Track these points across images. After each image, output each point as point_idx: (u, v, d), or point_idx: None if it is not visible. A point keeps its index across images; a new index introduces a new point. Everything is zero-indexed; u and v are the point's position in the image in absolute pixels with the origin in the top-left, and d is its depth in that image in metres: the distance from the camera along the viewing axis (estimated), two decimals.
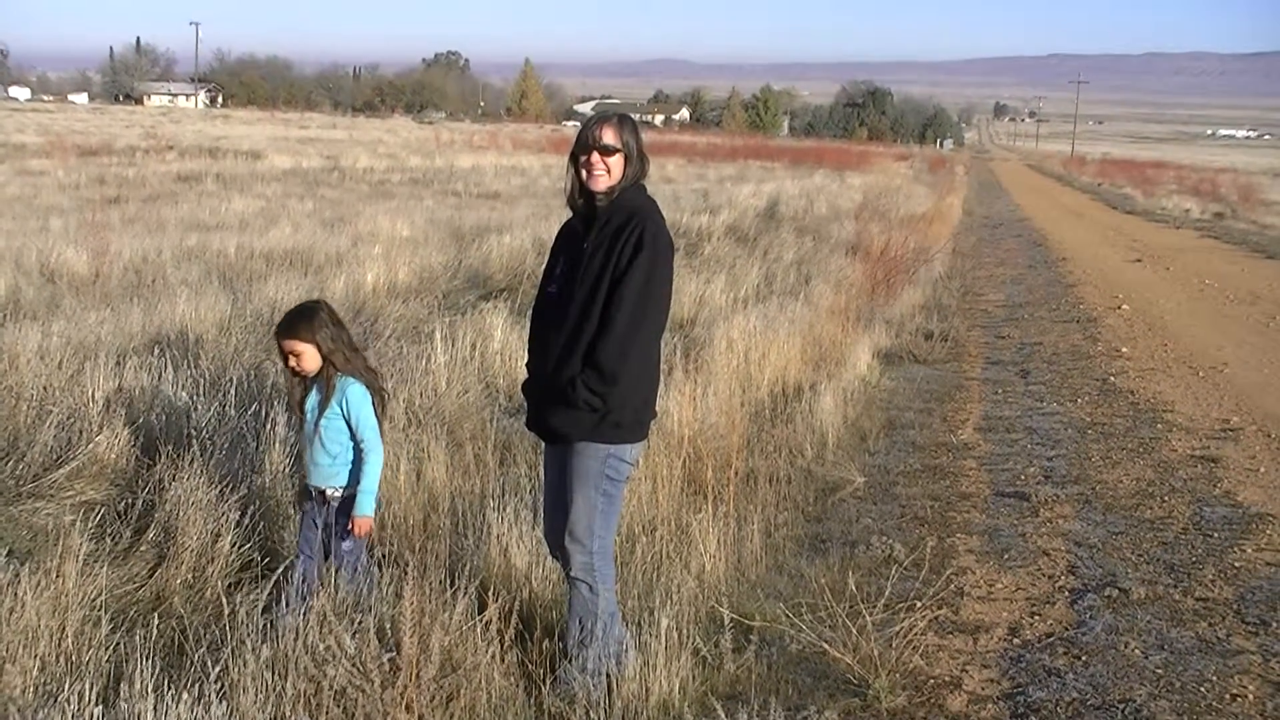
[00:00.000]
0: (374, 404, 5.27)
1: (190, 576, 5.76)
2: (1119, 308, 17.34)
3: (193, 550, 5.86)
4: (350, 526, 5.23)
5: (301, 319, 5.21)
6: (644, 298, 4.68)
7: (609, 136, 4.78)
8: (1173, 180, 65.29)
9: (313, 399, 5.23)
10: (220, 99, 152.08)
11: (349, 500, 5.26)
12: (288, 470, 6.66)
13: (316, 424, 5.21)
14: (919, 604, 5.74)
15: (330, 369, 5.16)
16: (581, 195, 4.85)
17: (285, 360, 5.27)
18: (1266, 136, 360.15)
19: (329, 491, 5.31)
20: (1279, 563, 6.92)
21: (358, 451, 5.25)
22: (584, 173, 4.79)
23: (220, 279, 14.08)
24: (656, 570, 5.97)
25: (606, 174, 4.76)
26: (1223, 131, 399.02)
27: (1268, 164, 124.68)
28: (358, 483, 5.25)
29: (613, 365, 4.66)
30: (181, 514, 6.02)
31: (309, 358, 5.14)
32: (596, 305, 4.70)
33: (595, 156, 4.76)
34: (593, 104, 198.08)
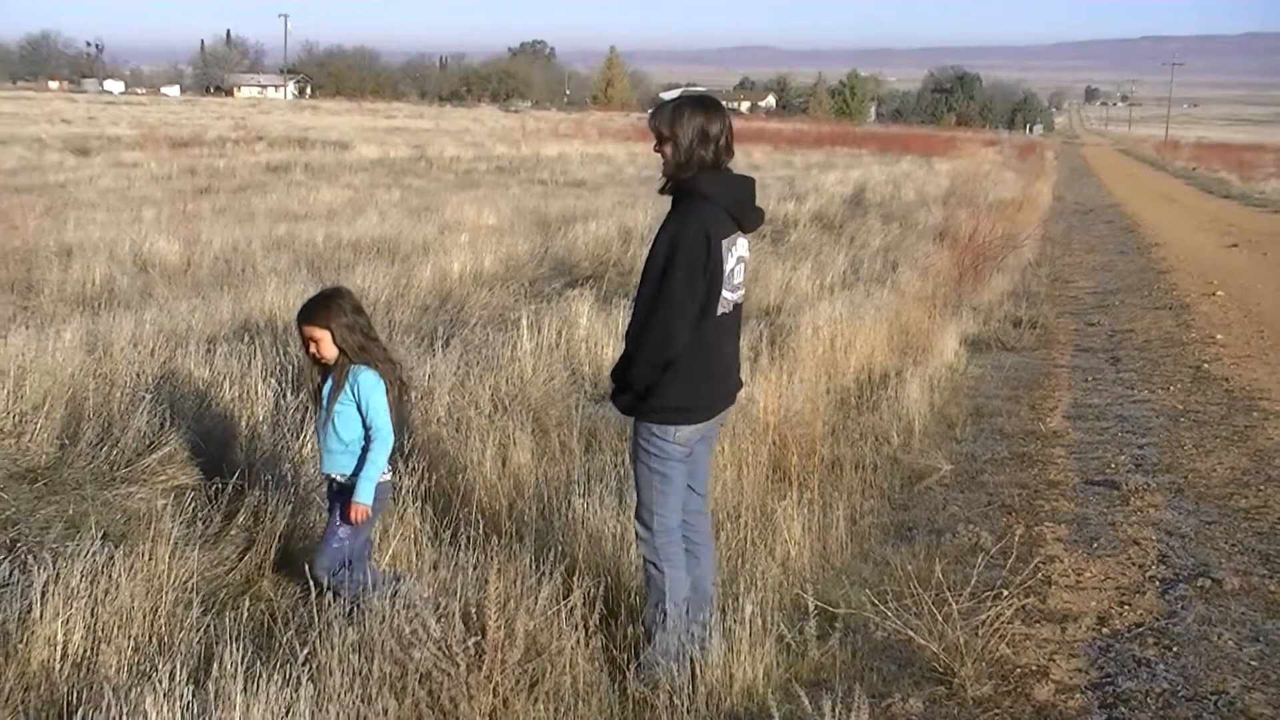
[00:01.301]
0: (390, 395, 5.24)
1: (278, 560, 5.85)
2: (1213, 294, 17.00)
3: (280, 534, 5.95)
4: (348, 512, 5.21)
5: (319, 306, 5.22)
6: (659, 277, 4.67)
7: (651, 122, 4.87)
8: (1271, 164, 63.70)
9: (328, 386, 5.24)
10: (308, 90, 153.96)
11: (352, 488, 5.25)
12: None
13: (329, 410, 5.21)
14: (1006, 592, 5.69)
15: (344, 357, 5.17)
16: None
17: (306, 346, 5.30)
18: None
19: (337, 478, 5.32)
20: None
21: (369, 440, 5.25)
22: None
23: (308, 268, 14.27)
24: (741, 557, 5.96)
25: (664, 160, 4.82)
26: None
27: None
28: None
29: (629, 345, 4.80)
30: (269, 499, 6.12)
31: (326, 344, 5.13)
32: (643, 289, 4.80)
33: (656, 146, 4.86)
34: (677, 91, 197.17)
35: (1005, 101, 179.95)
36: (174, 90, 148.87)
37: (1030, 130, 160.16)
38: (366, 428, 5.22)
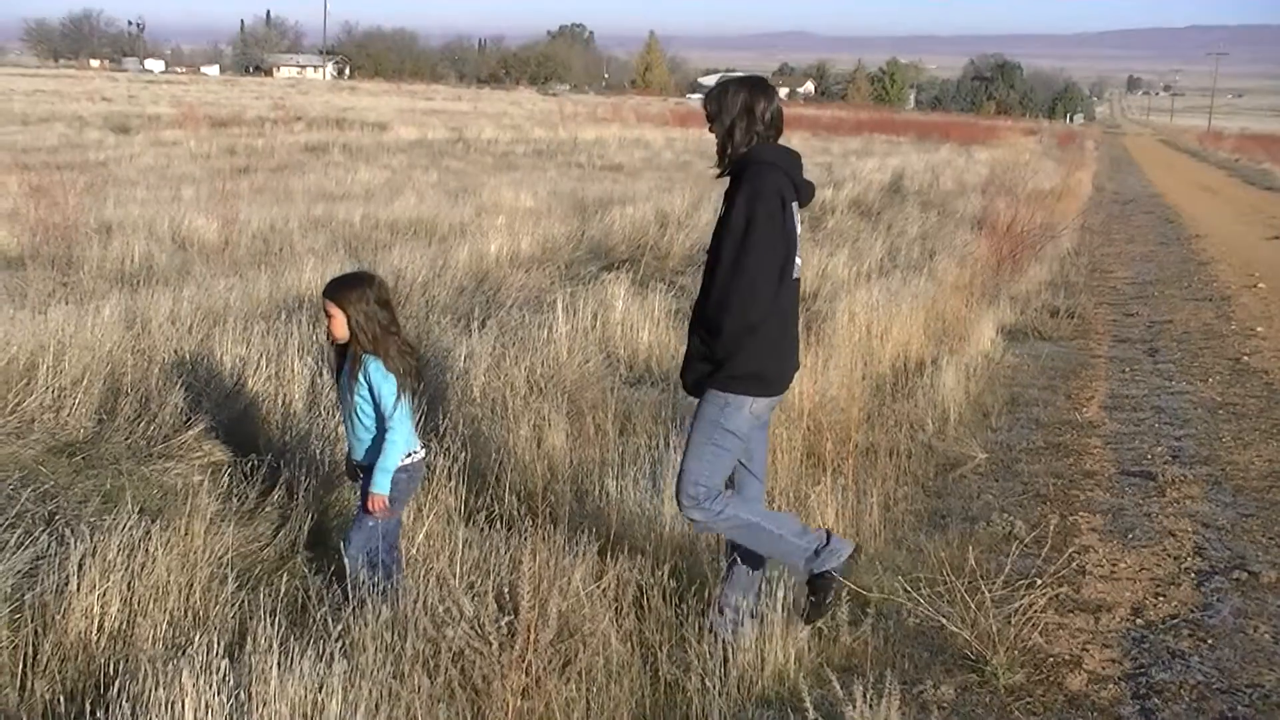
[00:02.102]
0: (403, 388, 5.11)
1: (312, 537, 5.88)
2: (1255, 286, 16.87)
3: (314, 512, 5.99)
4: (366, 502, 5.16)
5: (344, 285, 5.14)
6: (739, 244, 4.70)
7: (703, 102, 4.98)
8: None
9: (345, 370, 5.19)
10: (347, 71, 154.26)
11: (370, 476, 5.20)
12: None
13: (350, 398, 5.16)
14: (1039, 581, 5.66)
15: (356, 344, 5.10)
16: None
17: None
18: None
19: (358, 464, 5.28)
20: None
21: (385, 430, 5.15)
22: None
23: (346, 248, 14.33)
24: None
25: (716, 139, 4.91)
26: None
27: None
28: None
29: (713, 314, 4.77)
30: (304, 476, 6.15)
31: (339, 324, 5.05)
32: (717, 263, 4.80)
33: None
34: (716, 77, 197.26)
35: (1046, 90, 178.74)
36: (214, 70, 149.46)
37: (1071, 119, 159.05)
38: (383, 417, 5.20)
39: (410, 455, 5.16)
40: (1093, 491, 7.64)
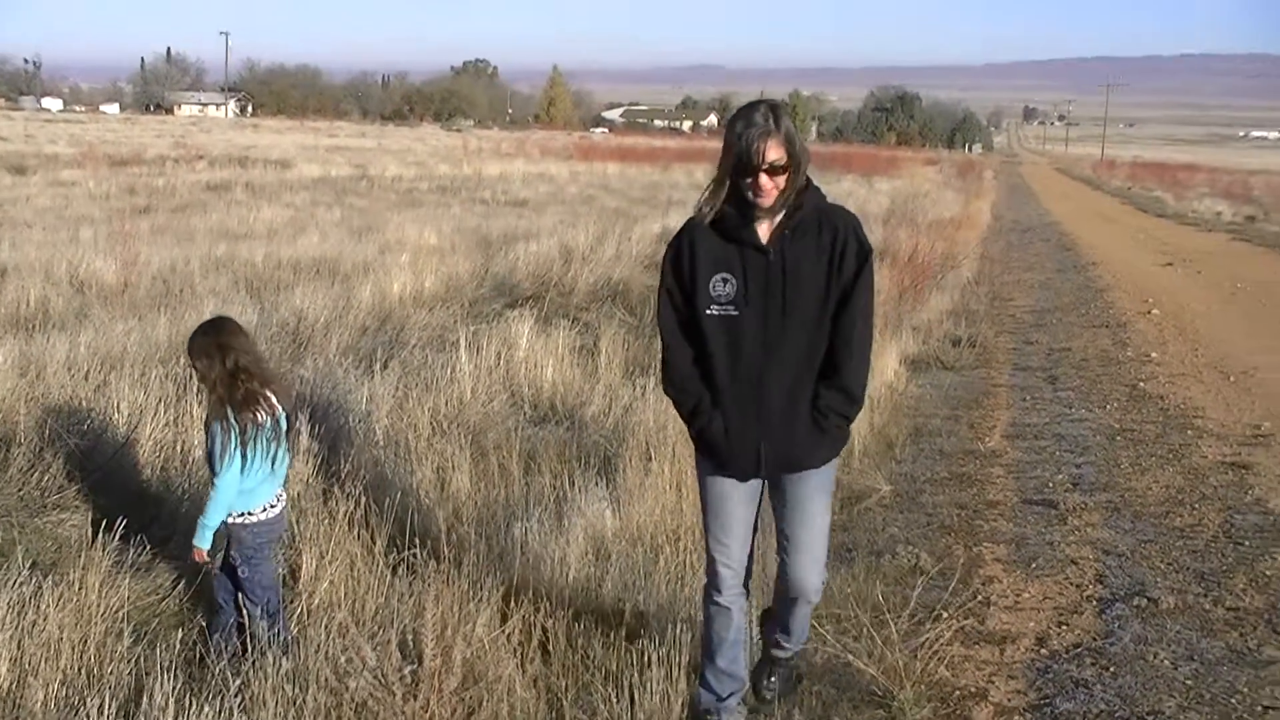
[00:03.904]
0: (231, 438, 4.96)
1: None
2: (1149, 312, 17.21)
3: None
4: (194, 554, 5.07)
5: (194, 337, 5.09)
6: (872, 309, 4.40)
7: (774, 153, 4.15)
8: (1204, 183, 64.78)
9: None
10: (250, 108, 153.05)
11: (235, 527, 5.09)
12: None
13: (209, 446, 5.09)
14: (945, 614, 5.70)
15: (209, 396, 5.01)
16: (736, 206, 4.28)
17: None
18: None
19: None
20: None
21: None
22: (750, 193, 4.20)
23: (247, 288, 14.17)
24: (680, 580, 5.95)
25: (777, 191, 4.20)
26: (1255, 133, 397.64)
27: None
28: (241, 512, 5.10)
29: (860, 385, 4.42)
30: None
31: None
32: (824, 322, 4.32)
33: (764, 179, 4.18)
34: (620, 110, 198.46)
35: (945, 120, 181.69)
36: (113, 108, 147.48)
37: (970, 149, 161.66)
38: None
39: (265, 509, 5.07)
40: (996, 521, 7.72)
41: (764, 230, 4.29)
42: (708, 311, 4.32)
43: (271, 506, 5.16)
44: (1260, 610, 6.26)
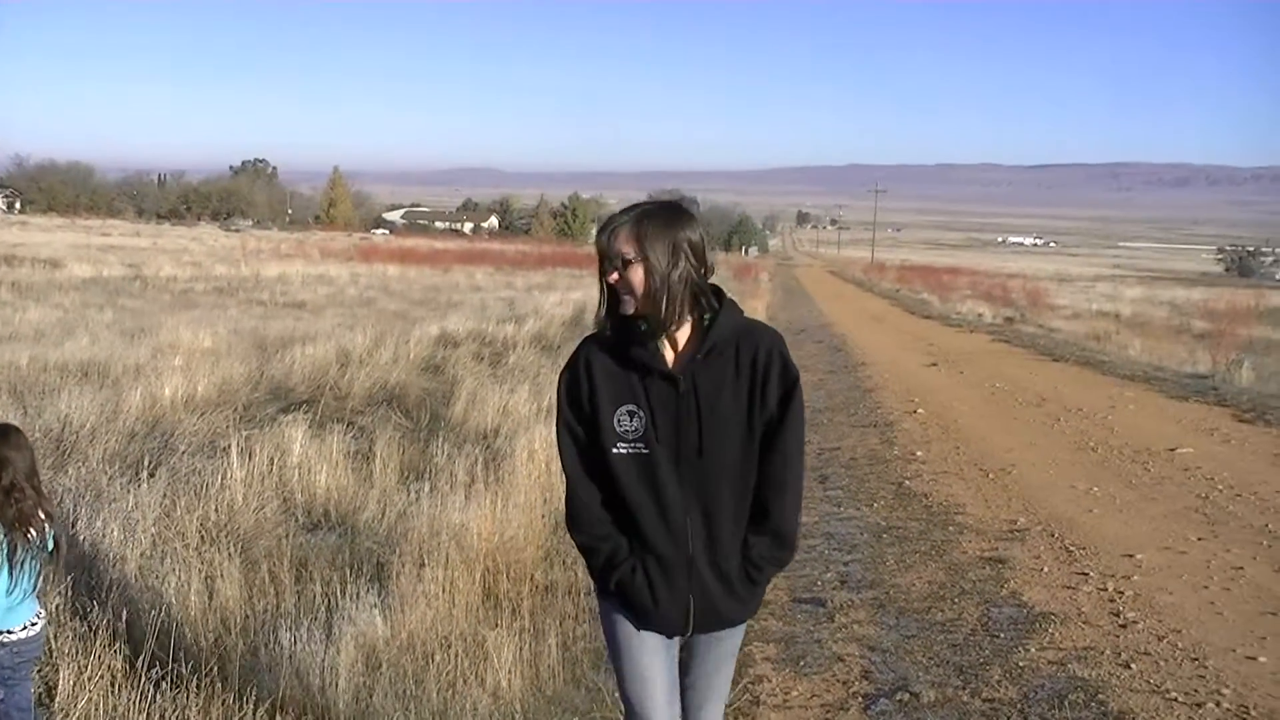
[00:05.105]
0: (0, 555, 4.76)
1: None
2: (915, 411, 17.77)
3: None
4: None
5: None
6: (803, 442, 3.89)
7: (624, 246, 3.67)
8: (967, 285, 67.71)
9: None
10: (18, 205, 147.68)
11: None
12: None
13: None
14: None
15: None
16: (645, 321, 3.72)
17: None
18: (1051, 244, 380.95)
19: None
20: (1060, 661, 7.12)
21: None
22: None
23: (10, 392, 13.64)
24: (452, 688, 5.92)
25: (632, 296, 3.68)
26: (1012, 239, 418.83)
27: (1054, 269, 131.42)
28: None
29: (792, 527, 3.87)
30: None
31: None
32: (750, 461, 3.80)
33: (615, 275, 3.70)
34: (402, 212, 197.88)
35: (722, 224, 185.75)
36: None
37: (746, 252, 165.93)
38: None
39: (25, 627, 4.90)
40: (767, 620, 7.86)
41: (670, 353, 3.77)
42: (615, 450, 3.74)
43: (32, 624, 4.96)
44: (1014, 700, 6.50)
